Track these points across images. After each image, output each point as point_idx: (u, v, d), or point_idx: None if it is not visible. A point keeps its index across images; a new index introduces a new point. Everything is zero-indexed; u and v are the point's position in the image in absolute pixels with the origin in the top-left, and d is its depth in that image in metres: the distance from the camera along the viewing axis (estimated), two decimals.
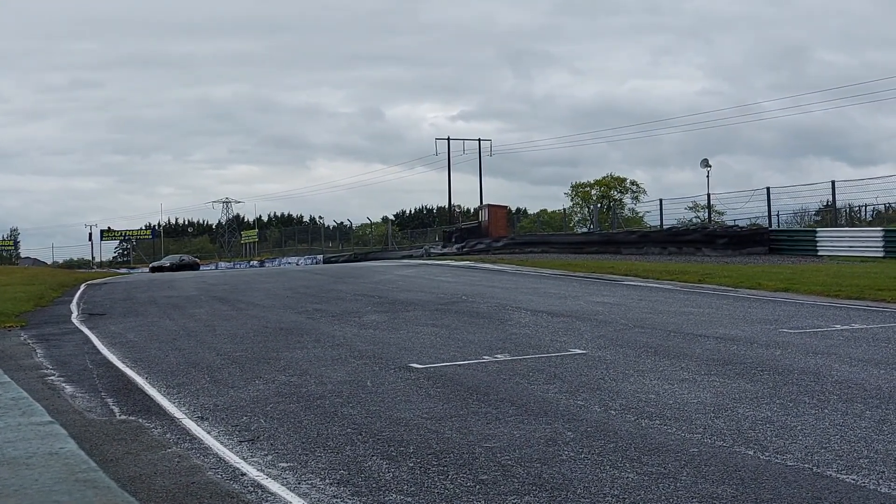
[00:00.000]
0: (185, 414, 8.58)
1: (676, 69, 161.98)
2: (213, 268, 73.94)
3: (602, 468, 6.19)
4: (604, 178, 70.03)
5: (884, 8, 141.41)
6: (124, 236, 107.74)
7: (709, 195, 41.61)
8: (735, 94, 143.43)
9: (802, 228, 36.08)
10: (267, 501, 5.87)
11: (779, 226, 36.62)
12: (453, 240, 54.13)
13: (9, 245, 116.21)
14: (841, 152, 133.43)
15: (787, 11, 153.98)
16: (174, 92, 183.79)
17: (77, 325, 17.00)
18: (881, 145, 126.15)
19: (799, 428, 7.14)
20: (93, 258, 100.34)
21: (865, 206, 36.08)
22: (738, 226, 36.08)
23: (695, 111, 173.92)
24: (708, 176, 43.76)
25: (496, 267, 31.20)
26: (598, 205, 62.17)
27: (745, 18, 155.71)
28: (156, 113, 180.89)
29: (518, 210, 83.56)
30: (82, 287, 28.43)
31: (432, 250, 52.02)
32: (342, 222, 78.48)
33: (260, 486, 6.15)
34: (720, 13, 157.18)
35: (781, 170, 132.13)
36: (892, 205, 34.83)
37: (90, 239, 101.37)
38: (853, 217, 36.36)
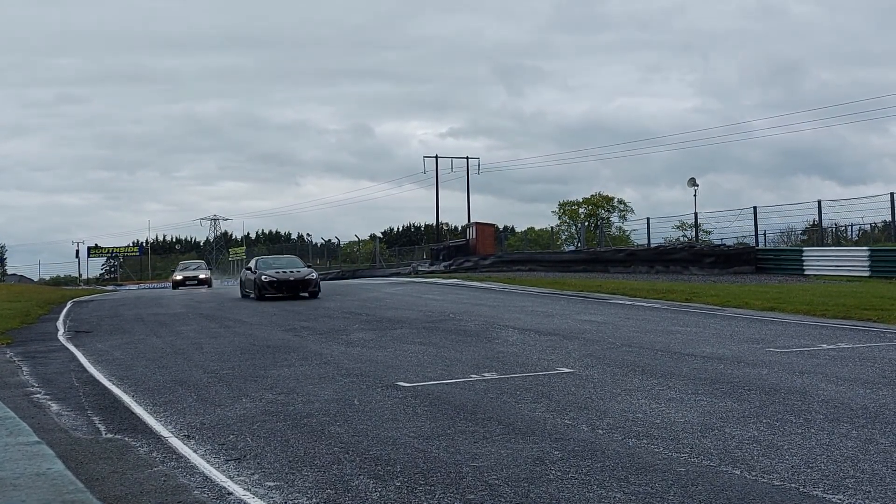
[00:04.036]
0: (172, 432, 8.55)
1: (667, 86, 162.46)
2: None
3: (589, 488, 6.20)
4: (591, 196, 70.22)
5: (875, 25, 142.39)
6: (111, 253, 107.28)
7: (696, 214, 41.76)
8: (726, 112, 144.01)
9: (789, 247, 36.20)
10: None
11: (766, 245, 36.77)
12: (441, 257, 54.12)
13: None
14: (831, 171, 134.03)
15: (780, 29, 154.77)
16: (160, 108, 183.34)
17: (63, 342, 16.94)
18: (871, 164, 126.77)
19: (786, 447, 7.16)
20: (80, 275, 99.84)
21: (852, 225, 36.30)
22: (725, 245, 36.20)
23: (685, 129, 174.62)
24: (695, 195, 43.90)
25: (484, 285, 31.22)
26: (586, 223, 62.29)
27: (736, 35, 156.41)
28: (142, 129, 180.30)
29: (506, 228, 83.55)
30: (69, 304, 28.33)
31: (420, 268, 51.98)
32: (330, 239, 78.29)
33: None
34: (712, 30, 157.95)
35: (771, 188, 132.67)
36: (878, 224, 35.02)
37: (77, 256, 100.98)
38: (839, 236, 36.54)
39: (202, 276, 47.25)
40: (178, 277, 46.81)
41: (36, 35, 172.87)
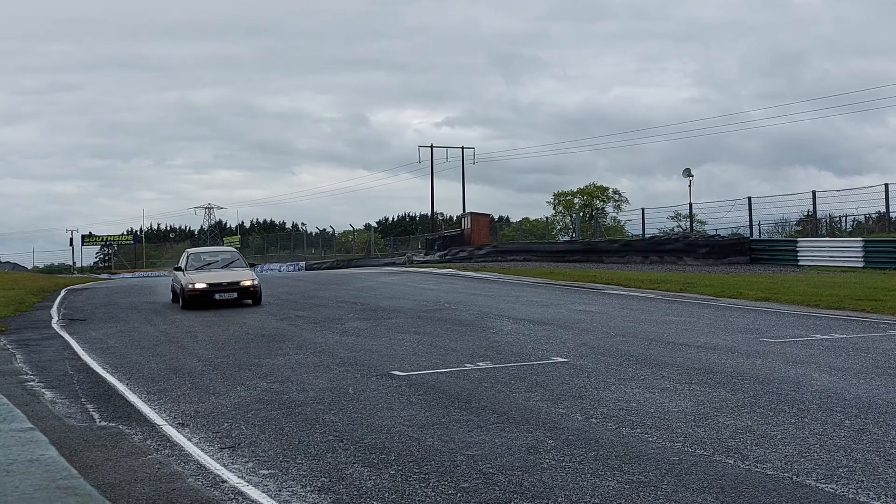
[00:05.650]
0: (166, 420, 8.55)
1: (665, 76, 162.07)
2: None
3: (583, 476, 6.21)
4: (586, 186, 70.21)
5: (876, 16, 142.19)
6: (105, 241, 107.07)
7: (691, 204, 41.70)
8: (723, 102, 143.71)
9: (783, 238, 36.23)
10: None
11: (760, 235, 36.79)
12: (436, 247, 54.15)
13: None
14: (827, 162, 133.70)
15: (778, 19, 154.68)
16: (154, 95, 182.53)
17: (57, 330, 16.92)
18: (867, 155, 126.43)
19: (779, 437, 7.17)
20: (73, 263, 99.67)
21: (846, 216, 36.32)
22: (719, 235, 36.23)
23: (682, 119, 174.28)
24: (690, 185, 43.82)
25: (479, 275, 31.23)
26: (581, 213, 62.31)
27: (734, 25, 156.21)
28: (136, 117, 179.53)
29: (501, 218, 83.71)
30: (63, 292, 28.29)
31: (415, 258, 51.99)
32: (325, 229, 78.09)
33: (240, 494, 6.13)
34: (712, 20, 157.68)
35: (767, 179, 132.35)
36: (873, 215, 35.06)
37: (71, 244, 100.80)
38: (833, 227, 36.56)
39: (246, 282, 21.30)
40: (200, 286, 20.96)
41: (27, 21, 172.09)
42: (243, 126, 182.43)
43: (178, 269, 22.26)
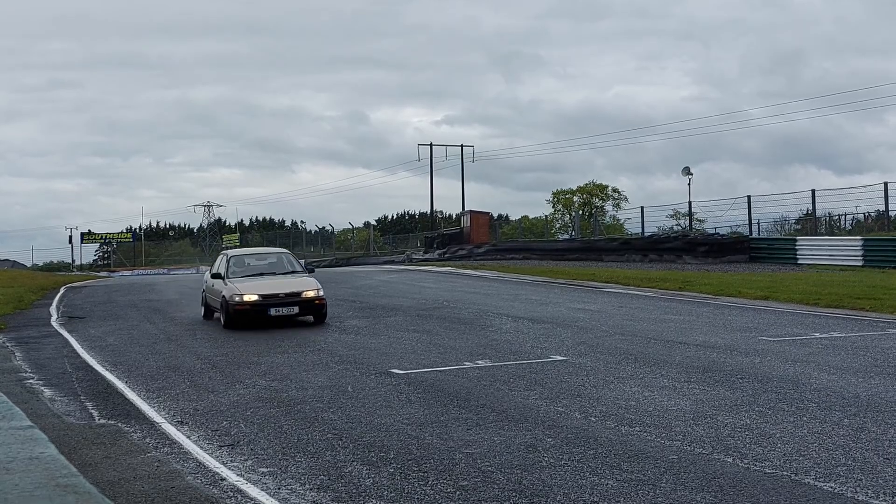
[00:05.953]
0: (165, 418, 8.56)
1: (665, 75, 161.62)
2: (195, 272, 73.47)
3: (582, 475, 6.21)
4: (586, 185, 70.17)
5: (876, 16, 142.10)
6: (105, 239, 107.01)
7: (690, 203, 41.68)
8: (723, 101, 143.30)
9: (783, 237, 36.20)
10: None
11: (759, 234, 36.76)
12: (435, 246, 54.10)
13: None
14: (827, 161, 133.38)
15: (778, 18, 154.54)
16: (154, 93, 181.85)
17: (56, 328, 16.92)
18: (867, 154, 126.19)
19: (778, 435, 7.18)
20: (73, 261, 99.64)
21: (845, 214, 36.29)
22: (718, 234, 36.20)
23: (682, 118, 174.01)
24: (689, 184, 43.79)
25: (478, 273, 31.23)
26: (580, 212, 62.30)
27: (734, 24, 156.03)
28: (136, 115, 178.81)
29: (500, 216, 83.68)
30: (62, 290, 28.30)
31: (414, 256, 51.97)
32: (324, 227, 78.02)
33: (239, 491, 6.14)
34: (712, 19, 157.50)
35: (767, 177, 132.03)
36: (872, 214, 35.04)
37: (70, 242, 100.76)
38: (833, 226, 36.54)
39: (310, 293, 16.42)
40: (250, 298, 16.03)
41: (27, 19, 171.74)
42: (243, 124, 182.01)
43: (217, 276, 17.33)
